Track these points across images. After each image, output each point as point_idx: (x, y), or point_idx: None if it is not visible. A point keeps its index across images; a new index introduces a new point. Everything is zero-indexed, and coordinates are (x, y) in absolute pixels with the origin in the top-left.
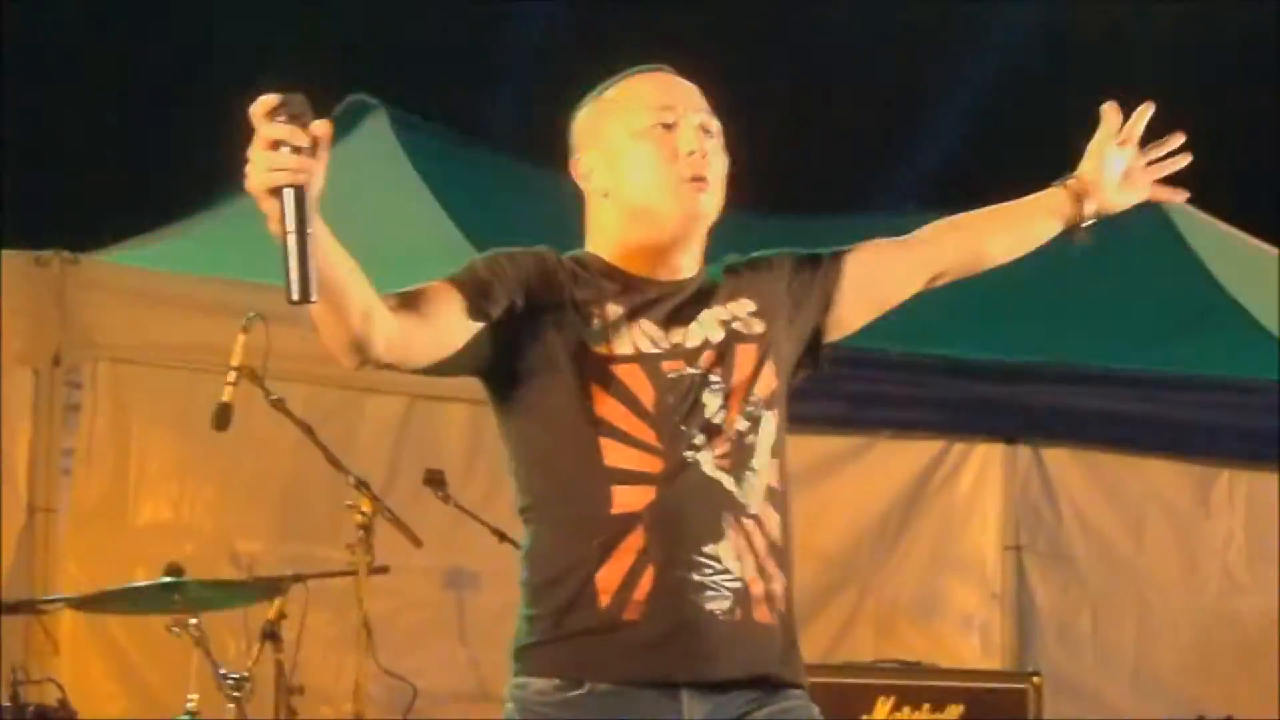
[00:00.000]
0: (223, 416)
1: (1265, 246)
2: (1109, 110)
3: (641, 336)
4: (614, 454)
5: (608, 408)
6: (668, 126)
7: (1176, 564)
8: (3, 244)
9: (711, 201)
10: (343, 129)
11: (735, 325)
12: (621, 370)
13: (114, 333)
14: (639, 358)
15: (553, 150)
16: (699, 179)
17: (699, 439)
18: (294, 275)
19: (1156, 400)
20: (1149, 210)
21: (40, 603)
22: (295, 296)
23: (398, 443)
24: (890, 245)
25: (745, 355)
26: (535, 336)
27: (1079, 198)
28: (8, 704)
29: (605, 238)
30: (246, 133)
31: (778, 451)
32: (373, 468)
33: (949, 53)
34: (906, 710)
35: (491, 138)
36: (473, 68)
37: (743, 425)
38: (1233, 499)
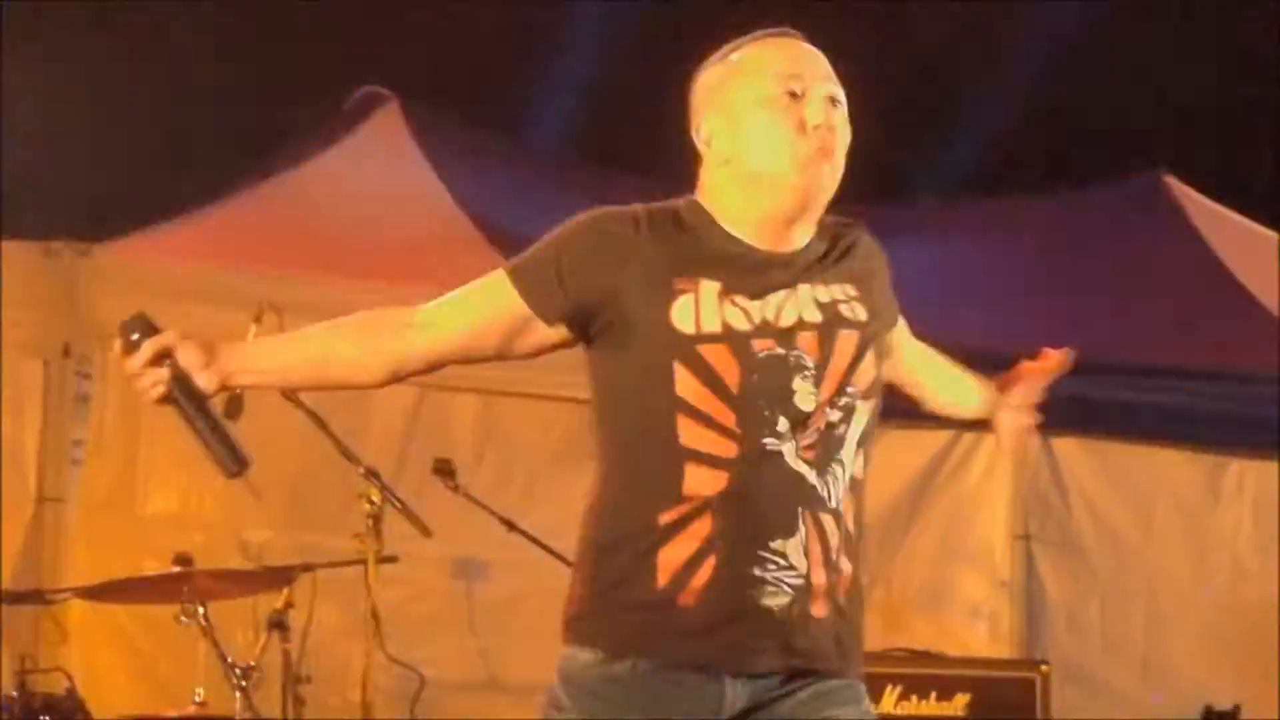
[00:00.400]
0: (234, 406)
1: (1277, 235)
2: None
3: (733, 311)
4: (690, 434)
5: (689, 387)
6: (795, 96)
7: (1185, 553)
8: (13, 234)
9: (835, 176)
10: (355, 120)
11: (839, 308)
12: (707, 350)
13: None
14: (728, 336)
15: (570, 141)
16: (825, 152)
17: (782, 425)
18: (217, 455)
19: (1166, 390)
20: (1160, 199)
21: (49, 592)
22: (231, 471)
23: (407, 432)
24: (910, 345)
25: (846, 342)
26: (618, 313)
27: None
28: (16, 693)
29: (721, 204)
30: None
31: (864, 441)
32: (382, 457)
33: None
34: (914, 699)
35: (504, 128)
36: (482, 59)
37: (834, 416)
38: (1242, 488)
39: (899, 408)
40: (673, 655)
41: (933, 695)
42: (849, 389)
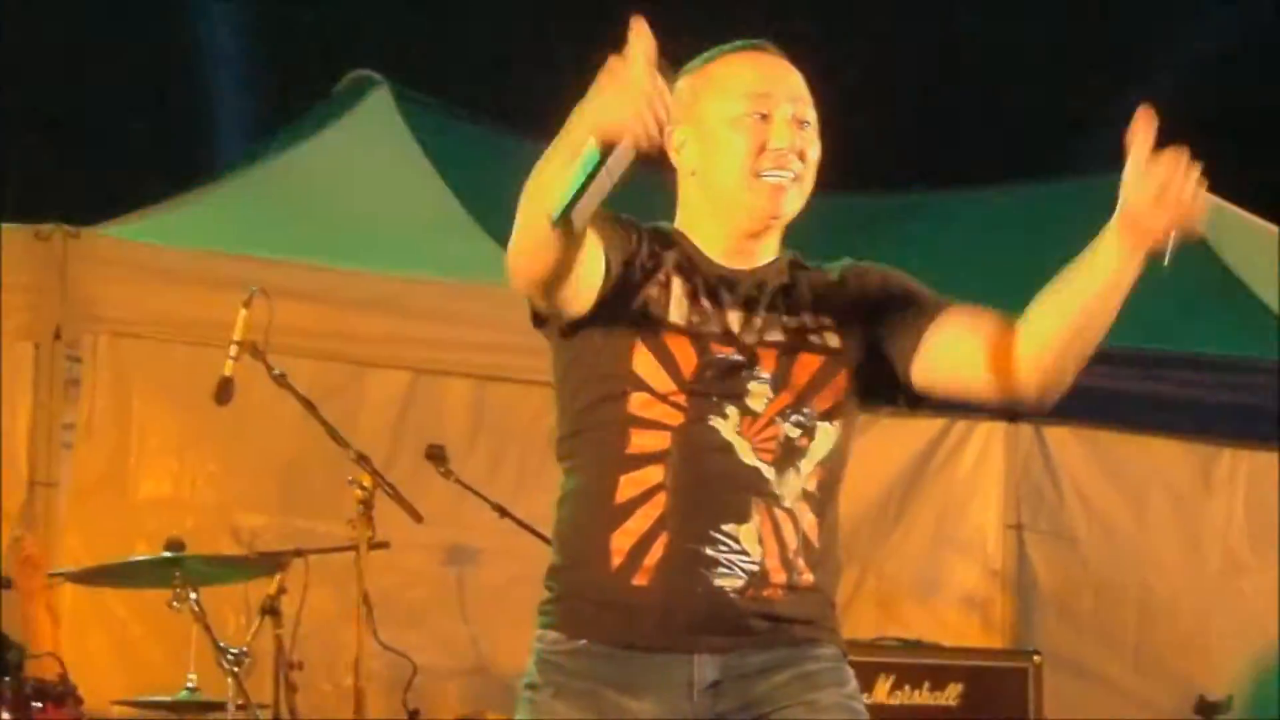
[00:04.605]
0: (224, 391)
1: (1269, 225)
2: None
3: (697, 314)
4: (639, 404)
5: (646, 366)
6: (763, 117)
7: (1178, 543)
8: (4, 217)
9: (794, 201)
10: (346, 104)
11: (806, 335)
12: (669, 337)
13: (115, 306)
14: (690, 331)
15: (552, 124)
16: (783, 178)
17: (731, 413)
18: (571, 198)
19: (1159, 379)
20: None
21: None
22: (557, 215)
23: (400, 418)
24: (992, 329)
25: (806, 364)
26: (607, 294)
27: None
28: (8, 678)
29: (688, 214)
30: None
31: (826, 463)
32: (374, 443)
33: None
34: (906, 689)
35: (493, 113)
36: (475, 43)
37: (793, 431)
38: (1234, 478)
39: None
40: (625, 638)
41: (925, 685)
42: (806, 408)
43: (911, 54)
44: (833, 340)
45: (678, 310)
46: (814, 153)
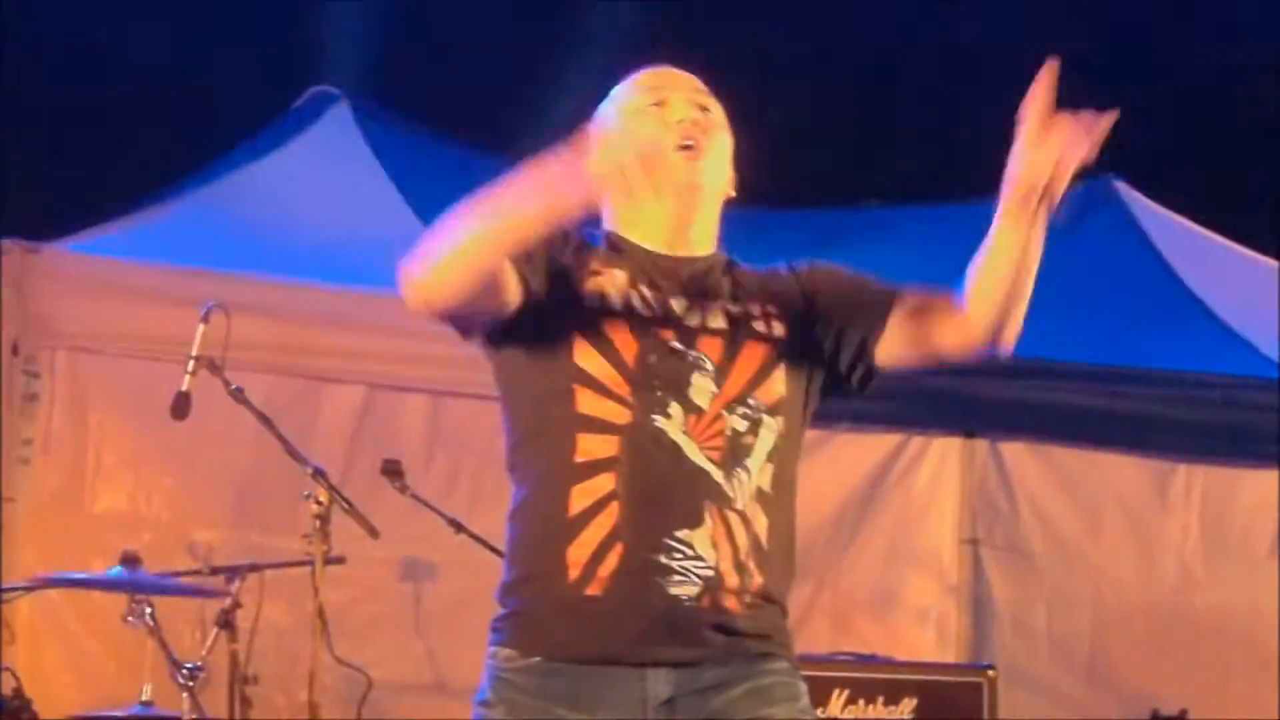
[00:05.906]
0: (181, 406)
1: (1226, 242)
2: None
3: (637, 298)
4: (586, 402)
5: (588, 358)
6: (659, 104)
7: (1133, 558)
8: None
9: (709, 173)
10: (306, 120)
11: (751, 323)
12: (609, 325)
13: (73, 322)
14: (629, 316)
15: (515, 138)
16: (690, 147)
17: (674, 411)
18: None
19: (1114, 394)
20: (1109, 204)
21: None
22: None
23: (356, 433)
24: (940, 300)
25: (751, 354)
26: (542, 296)
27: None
28: None
29: (619, 217)
30: None
31: (775, 457)
32: (331, 458)
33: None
34: (861, 703)
35: (453, 127)
36: (435, 57)
37: (740, 425)
38: (1189, 494)
39: (846, 411)
40: (577, 651)
41: (880, 700)
42: (750, 400)
43: (862, 67)
44: (778, 329)
45: (616, 297)
46: (722, 137)
